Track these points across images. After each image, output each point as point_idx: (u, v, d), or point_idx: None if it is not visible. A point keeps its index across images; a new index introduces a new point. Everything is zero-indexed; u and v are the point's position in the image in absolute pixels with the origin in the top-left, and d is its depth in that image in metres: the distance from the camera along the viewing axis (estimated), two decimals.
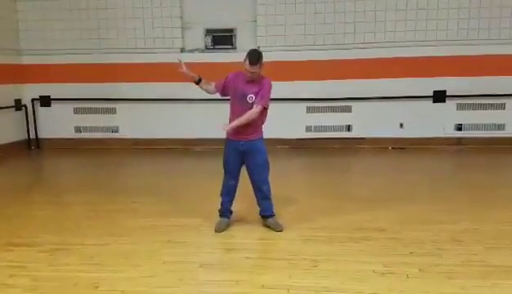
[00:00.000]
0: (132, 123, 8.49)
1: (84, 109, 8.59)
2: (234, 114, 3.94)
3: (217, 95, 4.14)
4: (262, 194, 4.08)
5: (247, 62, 3.80)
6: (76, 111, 8.63)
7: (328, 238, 3.82)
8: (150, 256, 3.54)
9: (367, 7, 7.80)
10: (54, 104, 8.64)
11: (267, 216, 4.13)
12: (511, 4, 7.54)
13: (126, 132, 8.52)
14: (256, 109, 3.85)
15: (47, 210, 4.79)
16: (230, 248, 3.75)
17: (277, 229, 4.03)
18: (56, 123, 8.66)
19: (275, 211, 4.17)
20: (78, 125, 8.66)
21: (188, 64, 8.11)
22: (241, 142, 3.95)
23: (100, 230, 4.13)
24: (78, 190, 5.61)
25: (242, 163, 4.05)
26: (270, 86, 3.92)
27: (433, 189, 5.51)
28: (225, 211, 4.18)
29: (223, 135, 4.06)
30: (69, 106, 8.60)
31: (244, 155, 4.00)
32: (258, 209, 4.18)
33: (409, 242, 3.67)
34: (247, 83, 3.89)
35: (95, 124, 8.59)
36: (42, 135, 8.74)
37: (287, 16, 7.97)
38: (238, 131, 3.92)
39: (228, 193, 4.14)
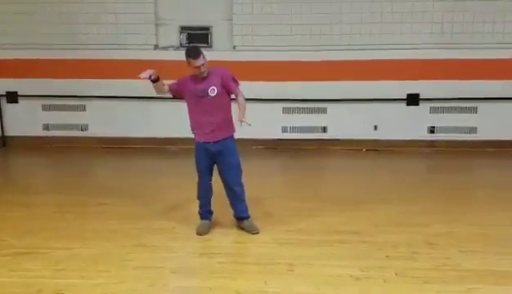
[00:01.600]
0: (102, 121, 8.24)
1: (53, 105, 8.29)
2: (198, 113, 3.83)
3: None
4: (235, 196, 3.99)
5: (191, 59, 3.72)
6: (44, 108, 8.32)
7: (303, 241, 3.76)
8: (120, 260, 3.40)
9: (343, 10, 7.80)
10: (21, 101, 8.30)
11: (242, 217, 4.04)
12: (484, 10, 7.65)
13: (96, 130, 8.27)
14: (240, 93, 3.86)
15: (11, 211, 4.58)
16: (203, 252, 3.63)
17: (253, 231, 3.95)
18: (24, 120, 8.33)
19: (250, 213, 4.08)
20: (47, 122, 8.36)
21: (162, 62, 8.09)
22: (210, 143, 3.85)
23: (66, 233, 3.95)
24: (46, 191, 5.40)
25: (214, 163, 3.96)
26: (229, 70, 3.89)
27: (406, 190, 5.52)
28: (205, 213, 4.06)
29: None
30: (37, 103, 8.29)
31: (215, 156, 3.90)
32: (232, 211, 4.08)
33: (384, 246, 3.65)
34: (202, 81, 3.80)
35: (64, 122, 8.31)
36: (9, 132, 8.39)
37: (264, 16, 7.88)
38: (204, 130, 3.82)
39: (206, 194, 4.03)
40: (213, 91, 3.76)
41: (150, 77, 3.86)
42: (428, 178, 6.56)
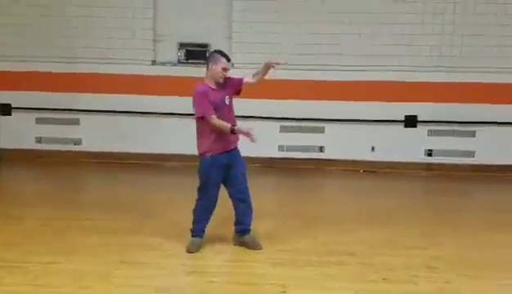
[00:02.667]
0: (96, 136, 8.10)
1: (47, 119, 8.15)
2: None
3: (190, 110, 3.90)
4: (247, 206, 3.88)
5: (224, 60, 3.71)
6: (38, 121, 8.19)
7: (298, 261, 3.61)
8: (103, 277, 3.24)
9: (342, 30, 7.78)
10: (15, 113, 8.15)
11: (248, 230, 3.91)
12: (483, 33, 7.65)
13: (89, 145, 8.12)
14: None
15: None
16: (192, 271, 3.47)
17: (256, 247, 3.83)
18: (17, 133, 8.17)
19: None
20: (40, 136, 8.22)
21: (159, 77, 8.03)
22: (225, 154, 3.76)
23: (49, 247, 3.79)
24: (33, 204, 5.22)
25: (223, 177, 3.85)
26: None
27: (403, 213, 5.36)
28: (199, 230, 3.89)
29: (194, 151, 3.85)
30: (30, 116, 8.14)
31: (227, 168, 3.80)
32: (235, 227, 3.94)
33: (381, 268, 3.50)
34: (216, 91, 3.75)
35: (57, 135, 8.16)
36: (1, 145, 8.21)
37: (263, 35, 7.85)
38: (225, 139, 3.73)
39: (209, 209, 3.87)
40: (228, 100, 3.79)
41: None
42: (425, 201, 6.40)
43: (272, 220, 4.74)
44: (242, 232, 3.91)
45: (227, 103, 3.79)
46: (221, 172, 3.79)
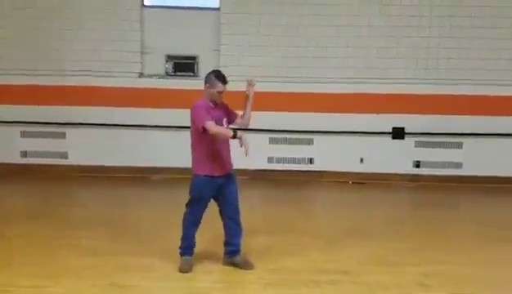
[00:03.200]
0: (82, 149, 8.00)
1: (32, 132, 8.03)
2: (216, 143, 3.70)
3: (178, 122, 3.87)
4: (238, 227, 3.86)
5: (220, 83, 3.68)
6: (23, 134, 8.06)
7: (289, 281, 3.57)
8: None
9: (330, 44, 7.83)
10: None
11: (238, 251, 3.88)
12: (469, 46, 7.75)
13: (76, 159, 8.01)
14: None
15: None
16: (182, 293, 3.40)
17: (249, 267, 3.79)
18: (1, 147, 8.02)
19: None
20: (25, 149, 8.08)
21: (146, 90, 7.97)
22: (220, 176, 3.74)
23: (35, 269, 3.69)
24: (20, 221, 5.11)
25: (213, 197, 3.82)
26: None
27: (392, 227, 5.35)
28: (189, 247, 3.83)
29: (183, 164, 3.80)
30: (15, 129, 8.02)
31: (220, 188, 3.77)
32: (224, 249, 3.90)
33: (375, 287, 3.48)
34: (215, 109, 3.76)
35: (43, 149, 8.04)
36: None
37: (251, 47, 7.87)
38: (221, 164, 3.72)
39: (196, 224, 3.82)
40: (225, 123, 3.79)
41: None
42: (413, 214, 6.41)
43: (262, 236, 4.69)
44: (232, 253, 3.87)
45: (225, 125, 3.79)
46: (213, 192, 3.77)
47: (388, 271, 3.81)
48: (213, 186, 3.74)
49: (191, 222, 3.81)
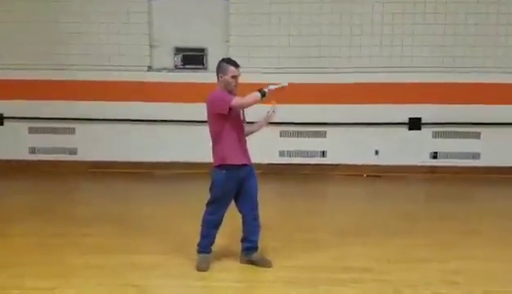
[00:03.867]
0: (91, 145, 7.87)
1: (40, 128, 7.92)
2: (237, 132, 3.55)
3: (186, 116, 3.69)
4: (257, 223, 3.69)
5: (232, 67, 3.52)
6: (31, 130, 7.94)
7: (311, 279, 3.38)
8: None
9: (343, 31, 7.60)
10: (7, 123, 7.92)
11: (256, 248, 3.71)
12: (485, 33, 7.49)
13: (85, 154, 7.89)
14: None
15: None
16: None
17: (267, 265, 3.63)
18: (9, 143, 7.93)
19: None
20: (33, 146, 7.97)
21: (155, 84, 7.81)
22: (242, 168, 3.57)
23: (43, 269, 3.53)
24: (25, 219, 4.96)
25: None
26: None
27: (412, 220, 5.15)
28: (207, 246, 3.67)
29: (193, 159, 3.62)
30: (23, 125, 7.91)
31: (241, 182, 3.59)
32: (242, 245, 3.73)
33: (401, 285, 3.28)
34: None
35: (51, 145, 7.93)
36: None
37: (261, 38, 7.67)
38: (245, 152, 3.60)
39: (217, 225, 3.65)
40: (242, 113, 3.64)
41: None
42: (433, 207, 6.10)
43: (277, 233, 4.48)
44: (250, 250, 3.70)
45: (241, 116, 3.65)
46: (236, 186, 3.58)
47: (412, 268, 3.62)
48: (236, 180, 3.55)
49: (213, 223, 3.63)
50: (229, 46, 7.71)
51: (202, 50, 7.86)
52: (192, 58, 7.85)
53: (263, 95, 3.40)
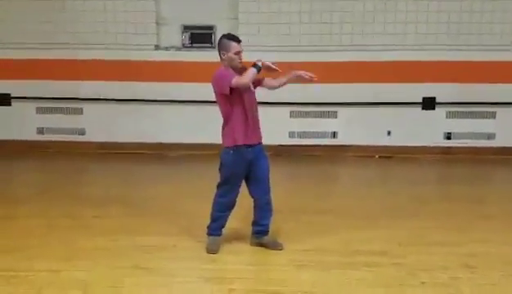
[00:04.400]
0: (100, 125, 7.78)
1: (48, 108, 7.84)
2: (244, 111, 3.40)
3: (196, 97, 3.55)
4: (270, 206, 3.59)
5: (234, 43, 3.35)
6: (39, 111, 7.87)
7: (324, 263, 3.28)
8: (112, 286, 2.94)
9: (355, 7, 7.36)
10: (14, 103, 7.84)
11: (266, 231, 3.62)
12: (503, 9, 7.22)
13: (93, 135, 7.81)
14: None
15: None
16: (210, 276, 3.15)
17: (278, 247, 3.55)
18: (17, 124, 7.87)
19: None
20: (41, 126, 7.91)
21: (163, 63, 7.67)
22: (250, 149, 3.44)
23: (52, 252, 3.48)
24: (34, 200, 4.90)
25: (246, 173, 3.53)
26: None
27: (426, 202, 5.02)
28: (218, 228, 3.58)
29: (202, 140, 3.51)
30: (31, 105, 7.83)
31: (251, 164, 3.46)
32: (253, 228, 3.64)
33: (417, 269, 3.17)
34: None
35: (59, 125, 7.86)
36: (1, 136, 7.92)
37: (271, 15, 7.45)
38: (255, 131, 3.46)
39: (230, 207, 3.55)
40: (252, 87, 3.40)
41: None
42: (447, 189, 5.97)
43: (288, 216, 4.35)
44: (260, 233, 3.62)
45: (253, 89, 3.43)
46: (245, 168, 3.47)
47: (428, 252, 3.51)
48: (244, 160, 3.44)
49: (224, 206, 3.53)
50: (238, 23, 7.51)
51: (210, 27, 7.68)
52: (200, 36, 7.68)
53: (259, 69, 3.31)
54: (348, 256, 3.41)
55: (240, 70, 3.42)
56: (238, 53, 3.38)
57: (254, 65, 3.32)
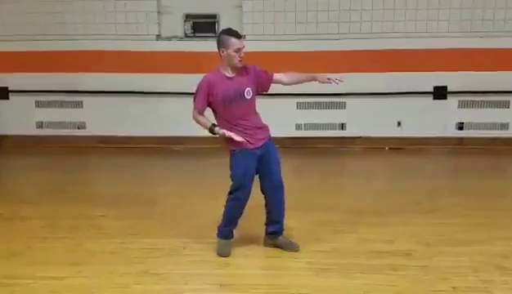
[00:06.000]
0: (100, 119, 7.55)
1: (47, 102, 7.62)
2: (233, 121, 3.18)
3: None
4: (283, 204, 3.38)
5: (233, 39, 3.09)
6: (38, 104, 7.65)
7: (345, 267, 3.07)
8: None
9: None
10: (12, 97, 7.62)
11: (281, 231, 3.43)
12: None
13: (94, 129, 7.59)
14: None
15: None
16: (224, 283, 2.94)
17: (295, 248, 3.35)
18: (15, 118, 7.65)
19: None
20: (41, 120, 7.69)
21: (164, 53, 7.41)
22: (259, 149, 3.24)
23: (56, 256, 3.28)
24: (34, 200, 4.68)
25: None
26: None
27: (443, 197, 4.83)
28: (229, 231, 3.39)
29: (206, 133, 3.29)
30: (29, 99, 7.61)
31: (261, 159, 3.26)
32: (266, 228, 3.44)
33: (446, 273, 2.96)
34: (232, 80, 3.18)
35: (59, 119, 7.64)
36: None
37: (276, 2, 7.20)
38: (253, 135, 3.21)
39: (241, 207, 3.33)
40: (248, 93, 3.20)
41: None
42: (462, 182, 5.70)
43: (301, 212, 4.11)
44: (275, 234, 3.40)
45: (247, 96, 3.19)
46: (256, 165, 3.25)
47: (457, 252, 3.29)
48: (253, 158, 3.23)
49: (237, 207, 3.31)
50: (242, 11, 7.25)
51: (213, 16, 7.43)
52: (203, 25, 7.43)
53: (211, 131, 3.15)
54: (370, 259, 3.19)
55: (241, 70, 3.20)
56: (238, 50, 3.12)
57: (212, 128, 3.15)
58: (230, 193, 3.30)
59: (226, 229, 3.35)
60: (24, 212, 4.29)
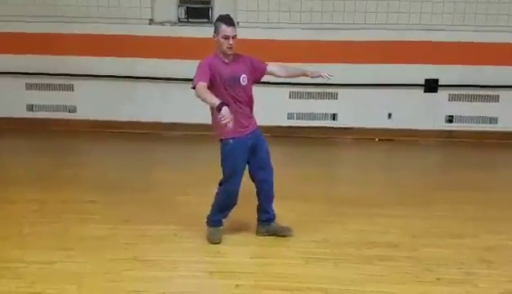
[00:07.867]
0: (92, 102, 7.49)
1: (38, 84, 7.53)
2: (233, 101, 3.18)
3: (191, 74, 3.27)
4: (272, 191, 3.44)
5: (223, 26, 3.10)
6: (28, 87, 7.55)
7: (334, 256, 3.12)
8: (109, 281, 2.75)
9: None
10: (2, 79, 7.50)
11: (273, 217, 3.48)
12: None
13: (85, 112, 7.53)
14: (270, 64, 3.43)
15: None
16: (214, 270, 2.98)
17: (290, 233, 3.42)
18: (5, 101, 7.54)
19: None
20: (31, 103, 7.60)
21: (157, 38, 7.35)
22: (249, 135, 3.26)
23: (45, 241, 3.28)
24: (23, 184, 4.66)
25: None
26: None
27: (432, 190, 4.86)
28: (219, 220, 3.42)
29: (199, 120, 3.30)
30: (20, 81, 7.51)
31: (252, 149, 3.29)
32: (258, 216, 3.48)
33: (432, 264, 3.03)
34: (228, 65, 3.21)
35: (50, 102, 7.56)
36: None
37: None
38: (242, 121, 3.20)
39: (234, 199, 3.35)
40: (244, 80, 3.23)
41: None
42: (451, 175, 5.73)
43: (292, 202, 4.15)
44: (269, 220, 3.45)
45: (243, 83, 3.22)
46: (246, 155, 3.28)
47: (443, 244, 3.36)
48: (244, 148, 3.26)
49: (228, 196, 3.34)
50: None
51: (208, 2, 7.38)
52: (197, 10, 7.38)
53: (219, 109, 2.91)
54: (359, 249, 3.24)
55: (233, 58, 3.21)
56: (227, 38, 3.11)
57: (220, 106, 2.91)
58: (220, 184, 3.33)
59: (217, 218, 3.38)
60: (14, 196, 4.27)
